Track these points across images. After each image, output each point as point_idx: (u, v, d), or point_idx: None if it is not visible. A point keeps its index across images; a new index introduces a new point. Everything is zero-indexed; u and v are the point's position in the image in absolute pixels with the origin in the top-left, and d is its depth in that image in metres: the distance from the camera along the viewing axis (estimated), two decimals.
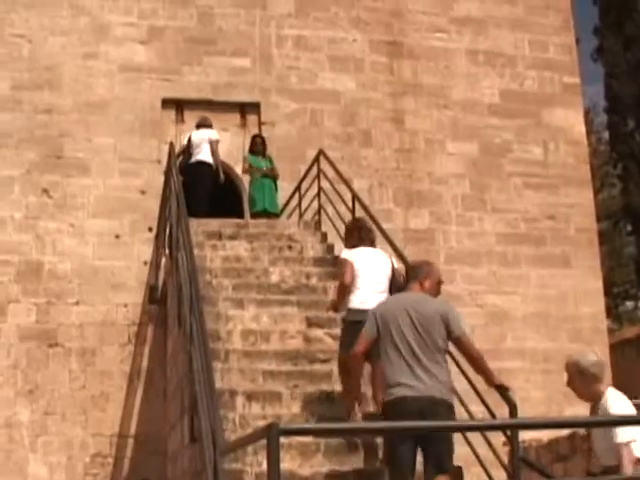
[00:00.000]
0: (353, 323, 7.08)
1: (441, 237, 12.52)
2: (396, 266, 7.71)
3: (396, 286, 7.42)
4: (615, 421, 5.11)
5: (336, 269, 8.47)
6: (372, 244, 7.79)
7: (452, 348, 6.30)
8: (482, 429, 5.92)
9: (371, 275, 7.42)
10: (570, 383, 5.74)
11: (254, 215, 11.50)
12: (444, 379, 6.04)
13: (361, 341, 6.31)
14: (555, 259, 12.78)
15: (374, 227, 8.32)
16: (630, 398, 5.65)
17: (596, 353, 5.97)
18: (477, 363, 6.23)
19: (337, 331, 8.27)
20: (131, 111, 12.14)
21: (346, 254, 7.58)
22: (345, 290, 7.44)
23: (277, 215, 11.67)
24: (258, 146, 11.83)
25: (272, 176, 11.72)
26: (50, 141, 11.84)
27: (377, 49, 13.08)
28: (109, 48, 12.30)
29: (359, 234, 7.79)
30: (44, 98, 11.95)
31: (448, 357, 6.32)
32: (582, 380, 5.65)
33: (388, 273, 7.53)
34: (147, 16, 12.50)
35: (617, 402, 5.52)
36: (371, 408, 6.92)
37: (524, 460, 6.82)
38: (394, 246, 8.94)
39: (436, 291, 6.47)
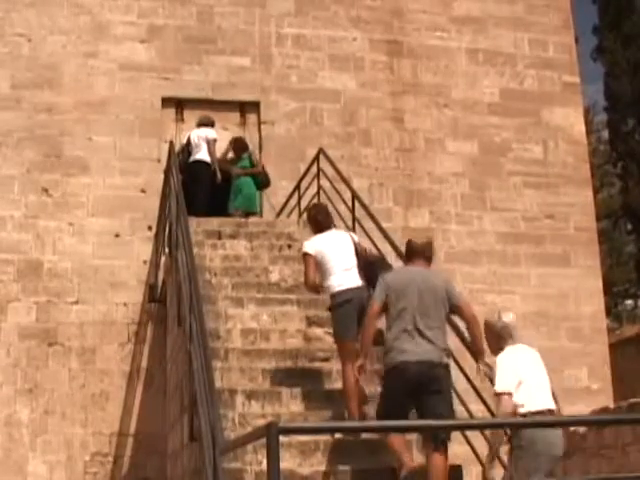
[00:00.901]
0: (341, 305, 7.41)
1: (441, 236, 12.52)
2: (356, 240, 7.98)
3: (363, 258, 7.76)
4: (614, 420, 5.12)
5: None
6: (331, 227, 8.02)
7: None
8: (482, 428, 5.93)
9: (338, 257, 7.63)
10: (485, 338, 6.41)
11: (229, 215, 11.50)
12: (443, 346, 6.47)
13: (374, 303, 6.66)
14: (555, 258, 12.79)
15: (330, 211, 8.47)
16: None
17: (510, 316, 6.38)
18: (473, 328, 6.67)
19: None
20: (131, 110, 12.14)
21: (308, 247, 7.77)
22: (310, 285, 7.74)
23: (254, 213, 11.66)
24: (237, 151, 11.84)
25: (252, 174, 11.72)
26: (50, 140, 11.84)
27: (377, 48, 13.08)
28: (109, 47, 12.30)
29: (321, 220, 7.99)
30: (44, 97, 11.95)
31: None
32: (490, 336, 6.32)
33: (352, 250, 7.75)
34: (147, 15, 12.51)
35: (501, 357, 6.08)
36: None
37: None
38: (394, 245, 8.94)
39: (429, 264, 6.93)
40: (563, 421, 5.34)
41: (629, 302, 28.28)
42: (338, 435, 6.96)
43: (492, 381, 6.19)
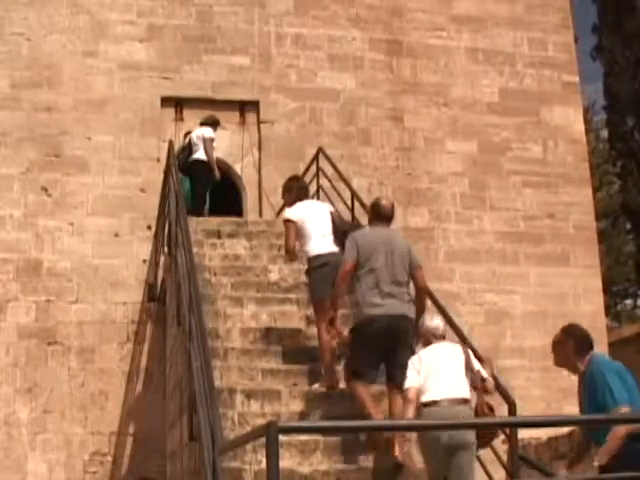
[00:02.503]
0: (318, 268, 7.91)
1: (440, 235, 12.53)
2: (332, 210, 8.64)
3: (337, 226, 8.33)
4: (614, 420, 5.12)
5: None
6: (307, 197, 8.67)
7: None
8: (481, 427, 5.92)
9: (316, 224, 8.12)
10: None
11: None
12: (407, 299, 7.03)
13: (347, 261, 7.11)
14: (554, 257, 12.79)
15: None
16: None
17: (434, 321, 6.75)
18: (420, 296, 7.19)
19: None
20: (130, 109, 12.14)
21: (289, 213, 8.30)
22: (289, 250, 8.20)
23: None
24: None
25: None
26: (49, 139, 11.84)
27: (376, 47, 13.08)
28: (108, 46, 12.29)
29: (297, 190, 8.58)
30: (43, 96, 11.94)
31: None
32: (423, 335, 6.76)
33: (329, 218, 8.29)
34: (146, 14, 12.50)
35: (412, 359, 6.55)
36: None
37: (523, 458, 6.83)
38: None
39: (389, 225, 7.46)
40: (563, 420, 5.33)
41: (628, 301, 28.28)
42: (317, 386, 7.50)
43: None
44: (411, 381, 6.39)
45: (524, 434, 8.43)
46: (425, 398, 6.28)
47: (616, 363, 5.86)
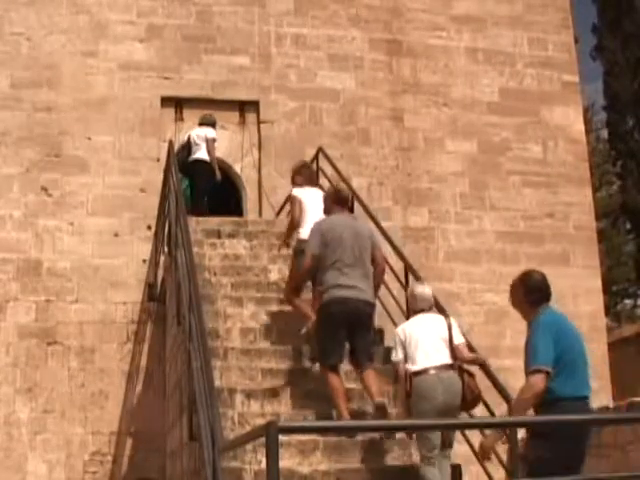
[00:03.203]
0: (303, 251, 8.05)
1: (440, 235, 12.53)
2: None
3: None
4: (614, 419, 5.13)
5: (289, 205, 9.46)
6: (315, 185, 9.10)
7: None
8: (481, 427, 5.93)
9: (314, 211, 8.36)
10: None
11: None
12: (371, 285, 7.39)
13: (307, 256, 7.53)
14: (554, 257, 12.79)
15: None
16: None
17: (420, 288, 7.22)
18: (378, 278, 7.59)
19: None
20: (130, 109, 12.14)
21: (297, 192, 8.79)
22: (295, 223, 8.69)
23: None
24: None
25: None
26: (49, 139, 11.84)
27: (376, 47, 13.08)
28: (108, 46, 12.29)
29: (308, 176, 9.11)
30: (43, 96, 11.95)
31: None
32: (410, 302, 7.26)
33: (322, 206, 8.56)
34: (146, 14, 12.50)
35: (396, 330, 7.11)
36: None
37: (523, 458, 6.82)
38: (393, 244, 8.94)
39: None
40: (563, 420, 5.33)
41: (628, 301, 28.26)
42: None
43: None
44: (397, 356, 6.85)
45: (524, 434, 8.42)
46: (415, 368, 6.70)
47: (559, 319, 5.78)
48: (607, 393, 12.17)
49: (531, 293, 5.85)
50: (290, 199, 9.01)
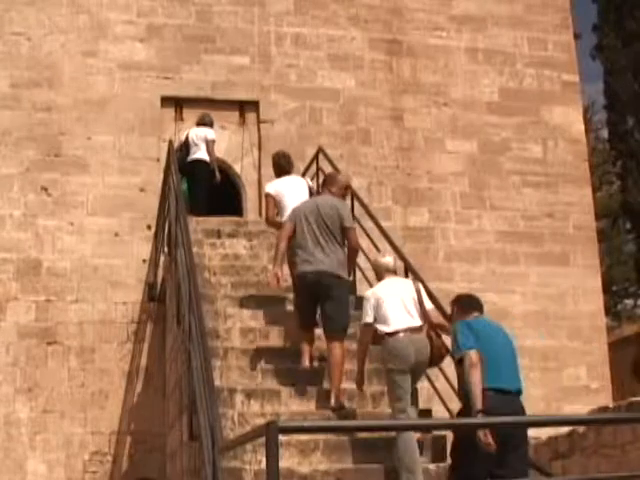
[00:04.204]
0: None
1: (440, 235, 12.53)
2: (310, 184, 9.59)
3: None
4: (614, 419, 5.13)
5: None
6: (290, 173, 9.43)
7: None
8: (481, 427, 5.92)
9: (293, 198, 8.86)
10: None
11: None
12: (339, 259, 7.98)
13: (284, 227, 8.28)
14: (554, 257, 12.79)
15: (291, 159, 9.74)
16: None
17: (387, 259, 7.83)
18: (352, 254, 8.23)
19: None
20: (130, 109, 12.14)
21: (269, 188, 9.25)
22: (270, 223, 9.26)
23: None
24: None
25: None
26: (49, 139, 11.84)
27: (376, 47, 13.08)
28: (108, 46, 12.29)
29: (279, 165, 9.49)
30: (43, 96, 11.94)
31: None
32: (375, 271, 7.87)
33: (306, 192, 9.15)
34: (146, 14, 12.50)
35: (365, 294, 7.65)
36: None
37: None
38: (393, 244, 8.95)
39: (342, 195, 8.49)
40: (563, 420, 5.33)
41: (628, 301, 28.26)
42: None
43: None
44: (368, 318, 7.37)
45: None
46: (387, 329, 7.25)
47: (479, 323, 6.62)
48: (607, 393, 12.18)
49: (462, 307, 6.83)
50: (265, 198, 9.46)
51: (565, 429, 8.67)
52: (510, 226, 12.79)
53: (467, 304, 6.85)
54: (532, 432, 9.46)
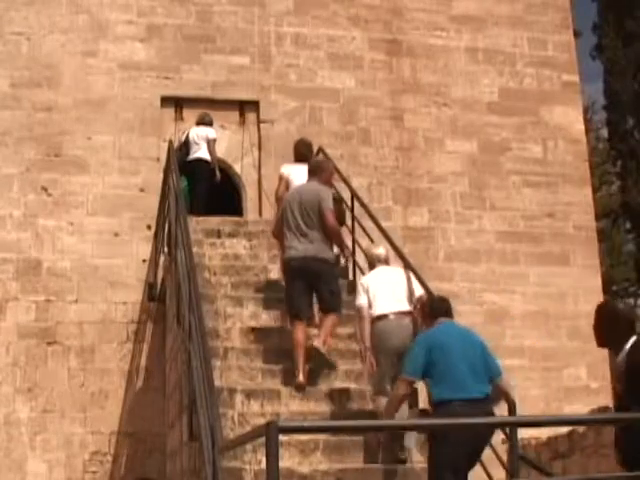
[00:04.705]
0: None
1: (440, 235, 12.53)
2: None
3: None
4: (614, 419, 5.13)
5: None
6: (307, 161, 9.52)
7: None
8: (477, 426, 5.92)
9: (300, 181, 9.02)
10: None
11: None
12: (321, 243, 8.19)
13: (277, 217, 8.72)
14: (554, 257, 12.79)
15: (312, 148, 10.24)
16: None
17: (379, 249, 8.22)
18: (330, 234, 8.27)
19: (337, 330, 8.48)
20: (130, 109, 12.14)
21: (284, 168, 9.82)
22: (277, 198, 9.65)
23: None
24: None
25: None
26: (49, 139, 11.84)
27: (376, 47, 13.07)
28: (108, 46, 12.29)
29: (300, 153, 9.89)
30: (43, 96, 11.94)
31: None
32: (368, 261, 8.28)
33: None
34: (146, 14, 12.50)
35: (359, 281, 8.22)
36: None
37: (523, 458, 6.83)
38: (393, 244, 8.94)
39: (328, 181, 8.69)
40: (563, 420, 5.34)
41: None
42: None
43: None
44: (362, 300, 7.69)
45: (524, 434, 8.43)
46: (377, 313, 7.57)
47: (435, 333, 6.68)
48: (607, 393, 12.17)
49: (429, 313, 6.99)
50: (279, 177, 9.88)
51: (565, 429, 8.68)
52: (510, 226, 12.79)
53: (436, 310, 6.92)
54: (532, 432, 9.49)
